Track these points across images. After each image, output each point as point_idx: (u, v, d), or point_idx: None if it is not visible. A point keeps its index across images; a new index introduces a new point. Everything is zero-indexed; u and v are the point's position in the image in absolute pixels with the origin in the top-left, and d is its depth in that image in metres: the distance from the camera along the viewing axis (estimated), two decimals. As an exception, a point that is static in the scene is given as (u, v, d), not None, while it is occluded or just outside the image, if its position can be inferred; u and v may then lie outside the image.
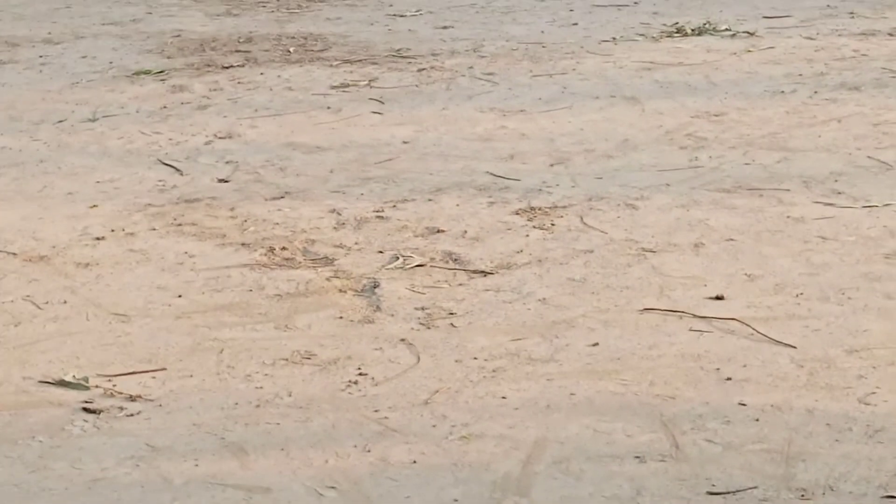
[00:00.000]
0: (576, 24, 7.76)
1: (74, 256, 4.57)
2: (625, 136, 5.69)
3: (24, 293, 4.28)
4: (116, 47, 7.52)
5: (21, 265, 4.52)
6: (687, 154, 5.45)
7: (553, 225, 4.71)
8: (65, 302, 4.20)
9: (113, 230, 4.80)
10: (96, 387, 3.53)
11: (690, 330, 3.81)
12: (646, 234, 4.60)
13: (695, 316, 3.91)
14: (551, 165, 5.37)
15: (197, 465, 3.10)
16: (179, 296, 4.22)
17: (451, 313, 4.01)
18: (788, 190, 4.99)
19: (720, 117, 5.92)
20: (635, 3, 8.23)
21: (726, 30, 7.43)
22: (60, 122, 6.20)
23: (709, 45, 7.18)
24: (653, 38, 7.35)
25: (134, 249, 4.62)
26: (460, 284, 4.24)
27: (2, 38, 7.96)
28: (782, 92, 6.34)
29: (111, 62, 7.25)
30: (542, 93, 6.41)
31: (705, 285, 4.15)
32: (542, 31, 7.61)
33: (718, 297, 4.05)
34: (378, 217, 4.85)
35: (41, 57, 7.53)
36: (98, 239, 4.73)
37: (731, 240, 4.52)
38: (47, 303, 4.20)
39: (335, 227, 4.76)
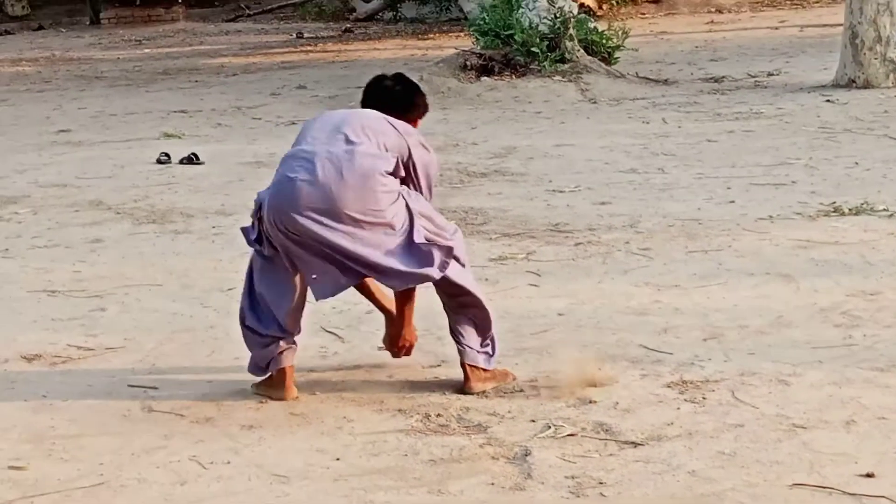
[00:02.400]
0: (733, 201, 7.85)
1: (239, 419, 4.76)
2: (779, 313, 5.73)
3: (190, 453, 4.47)
4: (285, 219, 7.80)
5: (189, 426, 4.73)
6: (841, 332, 5.46)
7: (704, 398, 4.77)
8: (228, 462, 4.38)
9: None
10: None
11: (840, 506, 3.81)
12: (797, 410, 4.62)
13: (845, 493, 3.92)
14: (704, 340, 5.44)
15: None
16: (337, 459, 4.37)
17: (601, 483, 4.08)
18: (944, 369, 4.97)
19: (875, 296, 5.92)
20: (793, 182, 8.29)
21: (884, 210, 7.44)
22: (230, 290, 6.46)
23: (866, 224, 7.19)
24: (809, 216, 7.39)
25: (295, 413, 4.80)
26: (611, 455, 4.31)
27: (178, 210, 8.34)
28: (940, 271, 6.32)
29: (280, 233, 7.53)
30: (698, 268, 6.49)
31: (856, 462, 4.15)
32: (699, 209, 7.72)
33: (869, 475, 4.05)
34: (531, 386, 4.95)
35: (214, 228, 7.86)
36: (262, 402, 4.92)
37: (884, 418, 4.51)
38: (212, 463, 4.38)
39: (489, 395, 4.88)
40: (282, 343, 4.95)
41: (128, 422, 4.79)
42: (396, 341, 5.15)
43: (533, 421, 4.63)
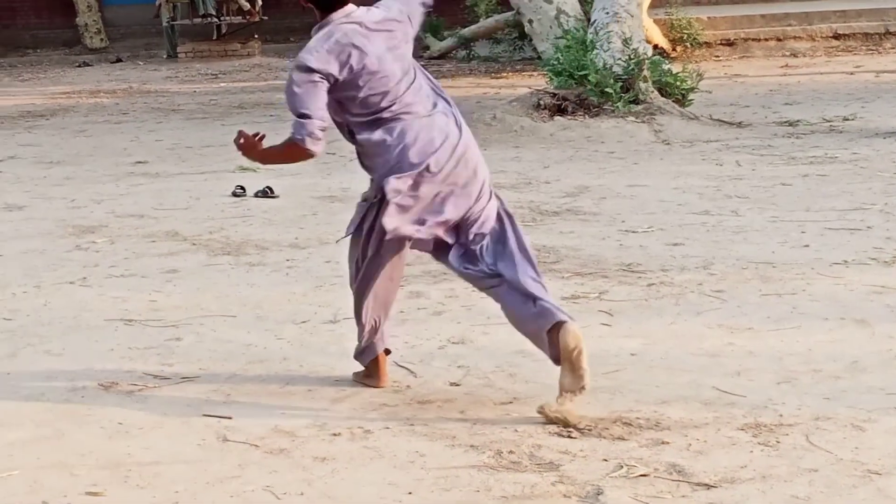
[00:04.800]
0: (807, 245, 7.81)
1: (312, 450, 4.80)
2: (854, 358, 5.69)
3: (264, 483, 4.51)
4: (358, 254, 7.85)
5: (262, 456, 4.77)
6: (917, 378, 5.42)
7: (778, 442, 4.75)
8: (302, 494, 4.42)
9: (349, 427, 5.02)
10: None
11: (916, 554, 3.78)
12: (873, 455, 4.59)
13: (921, 540, 3.89)
14: (778, 383, 5.41)
15: None
16: (410, 493, 4.39)
17: (674, 524, 4.07)
18: None
19: (953, 343, 5.87)
20: (868, 227, 8.23)
21: (961, 256, 7.38)
22: (303, 322, 6.51)
23: (943, 270, 7.14)
24: (885, 262, 7.33)
25: (368, 446, 4.83)
26: (683, 496, 4.30)
27: (253, 242, 8.42)
28: None
29: (353, 267, 7.58)
30: (771, 312, 6.46)
31: (932, 510, 4.12)
32: (773, 252, 7.68)
33: (946, 523, 4.02)
34: (603, 426, 4.95)
35: (288, 261, 7.93)
36: (335, 435, 4.95)
37: (961, 466, 4.47)
38: (285, 493, 4.42)
39: (561, 434, 4.89)
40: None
41: (203, 451, 4.84)
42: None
43: (605, 460, 4.63)
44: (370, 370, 5.52)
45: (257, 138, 5.22)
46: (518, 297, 5.13)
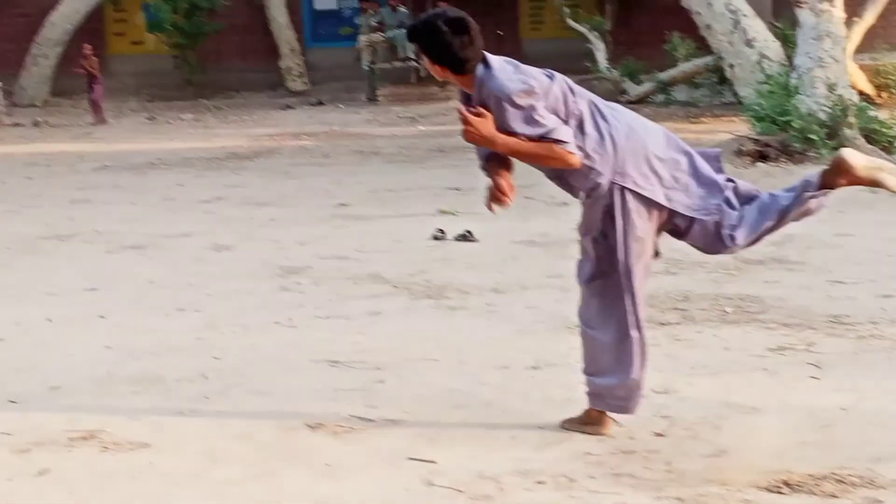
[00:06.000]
0: None
1: (517, 498, 4.79)
2: None
3: (469, 529, 4.52)
4: (559, 299, 7.83)
5: (467, 502, 4.77)
6: None
7: None
8: (507, 540, 4.40)
9: (554, 475, 5.00)
10: None
11: None
12: None
13: None
14: None
15: None
16: (616, 544, 4.35)
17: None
18: None
19: None
20: None
21: None
22: (505, 367, 6.52)
23: None
24: None
25: (573, 496, 4.79)
26: (900, 559, 4.17)
27: (454, 286, 8.47)
28: None
29: (554, 313, 7.58)
30: None
31: None
32: None
33: None
34: (814, 482, 4.83)
35: (488, 305, 7.96)
36: (539, 483, 4.93)
37: None
38: (490, 540, 4.41)
39: (770, 489, 4.78)
40: None
41: (409, 494, 4.87)
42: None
43: (818, 517, 4.52)
44: (592, 416, 5.48)
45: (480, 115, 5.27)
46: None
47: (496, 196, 5.41)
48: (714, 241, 5.40)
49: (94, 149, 18.57)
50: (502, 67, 5.26)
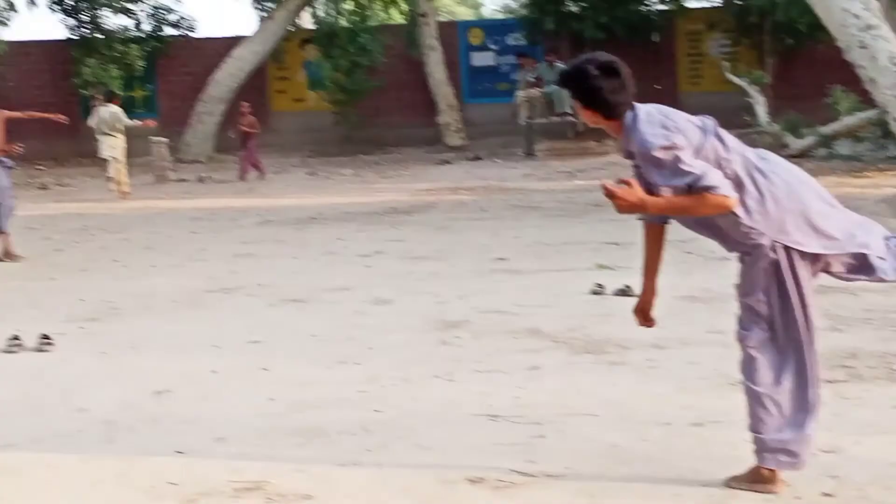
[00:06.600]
0: None
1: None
2: None
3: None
4: (721, 356, 7.72)
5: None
6: None
7: None
8: None
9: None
10: None
11: None
12: None
13: None
14: None
15: None
16: None
17: None
18: None
19: None
20: None
21: None
22: (667, 424, 6.44)
23: None
24: None
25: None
26: None
27: (614, 341, 8.41)
28: None
29: (716, 369, 7.47)
30: None
31: None
32: None
33: None
34: None
35: (648, 361, 7.88)
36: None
37: None
38: None
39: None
40: None
41: (571, 551, 4.83)
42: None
43: None
44: (761, 474, 5.38)
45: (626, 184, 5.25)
46: None
47: (641, 320, 5.86)
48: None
49: (256, 203, 18.95)
50: (649, 117, 5.18)
